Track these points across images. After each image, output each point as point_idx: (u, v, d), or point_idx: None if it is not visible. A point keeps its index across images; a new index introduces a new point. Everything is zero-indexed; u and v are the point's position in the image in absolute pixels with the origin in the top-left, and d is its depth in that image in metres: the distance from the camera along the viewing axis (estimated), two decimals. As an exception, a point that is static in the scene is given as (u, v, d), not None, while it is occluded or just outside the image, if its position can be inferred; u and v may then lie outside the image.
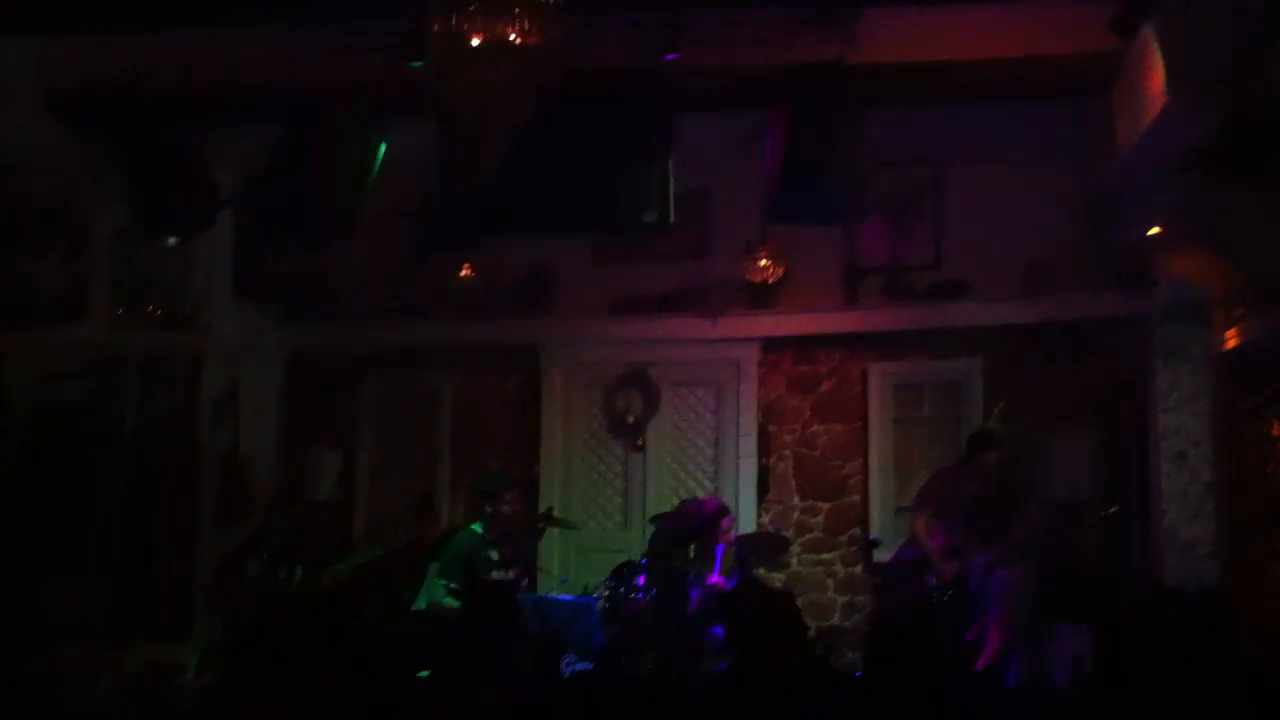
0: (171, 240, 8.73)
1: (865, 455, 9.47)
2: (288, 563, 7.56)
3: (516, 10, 4.45)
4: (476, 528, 7.61)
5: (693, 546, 7.89)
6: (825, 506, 9.53)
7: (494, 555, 7.41)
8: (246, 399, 9.80)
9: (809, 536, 9.50)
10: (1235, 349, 7.27)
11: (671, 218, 6.93)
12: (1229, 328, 7.37)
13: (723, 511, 8.17)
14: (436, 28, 4.50)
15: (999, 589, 7.33)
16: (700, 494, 9.30)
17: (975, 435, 8.49)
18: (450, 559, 7.34)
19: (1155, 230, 7.41)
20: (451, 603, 7.01)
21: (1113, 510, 8.63)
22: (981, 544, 7.60)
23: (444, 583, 7.19)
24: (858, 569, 9.34)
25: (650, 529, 8.67)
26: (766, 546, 8.97)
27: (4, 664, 6.98)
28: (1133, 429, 8.77)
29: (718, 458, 9.74)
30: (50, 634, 7.87)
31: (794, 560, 9.43)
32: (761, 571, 8.81)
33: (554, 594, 7.91)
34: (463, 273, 9.43)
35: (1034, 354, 9.22)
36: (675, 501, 8.98)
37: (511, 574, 7.39)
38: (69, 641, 7.74)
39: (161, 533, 9.05)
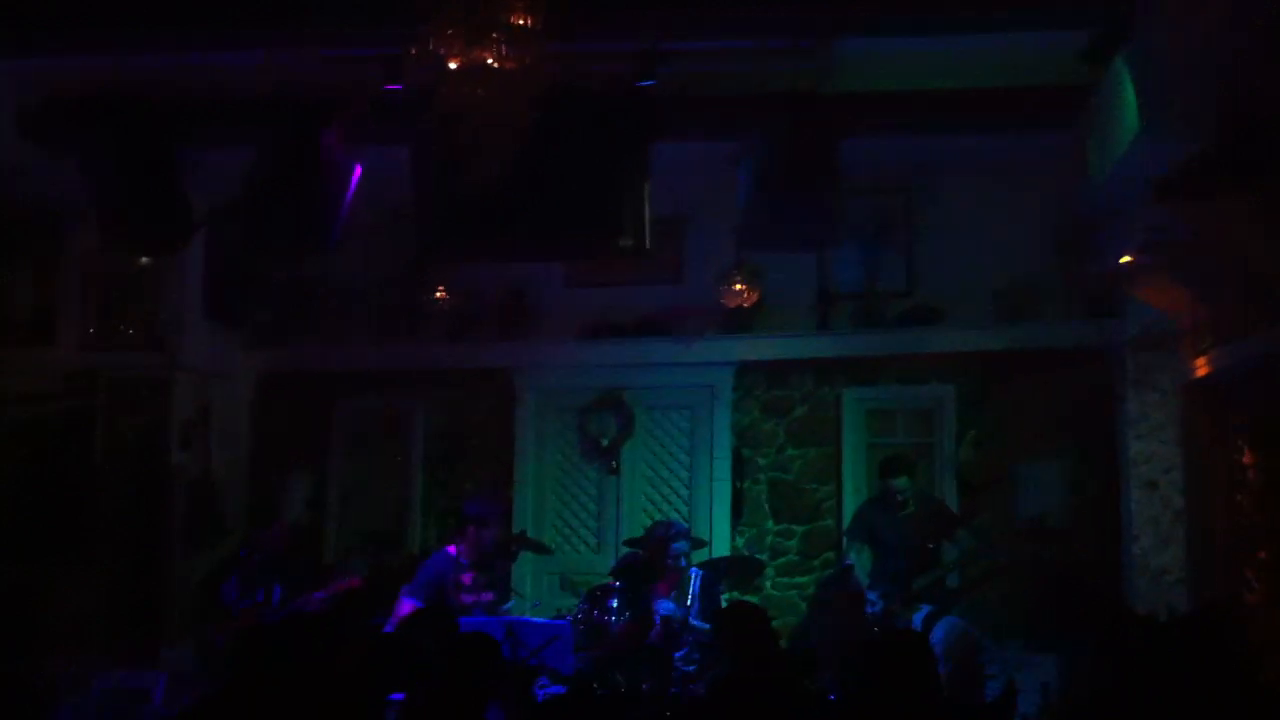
0: (144, 260, 8.72)
1: (839, 479, 9.49)
2: (266, 583, 7.50)
3: (495, 35, 4.46)
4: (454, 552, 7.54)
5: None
6: (799, 530, 9.53)
7: (467, 580, 7.35)
8: (217, 421, 9.75)
9: (783, 560, 9.51)
10: (1204, 378, 7.34)
11: (647, 243, 6.94)
12: (1198, 356, 7.44)
13: (671, 536, 7.67)
14: (414, 51, 4.50)
15: (942, 640, 7.33)
16: (676, 517, 9.28)
17: (885, 461, 8.34)
18: (422, 583, 7.30)
19: (1126, 259, 7.48)
20: None
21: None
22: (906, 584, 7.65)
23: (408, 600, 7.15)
24: (831, 593, 9.34)
25: (624, 552, 8.66)
26: (741, 569, 8.97)
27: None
28: (1104, 456, 8.83)
29: (692, 481, 9.74)
30: (19, 652, 7.79)
31: (768, 583, 9.43)
32: (735, 595, 8.80)
33: (527, 617, 7.86)
34: (437, 295, 9.43)
35: (1006, 381, 9.27)
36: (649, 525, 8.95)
37: (485, 598, 7.33)
38: (37, 661, 7.65)
39: (131, 555, 8.98)
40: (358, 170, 6.80)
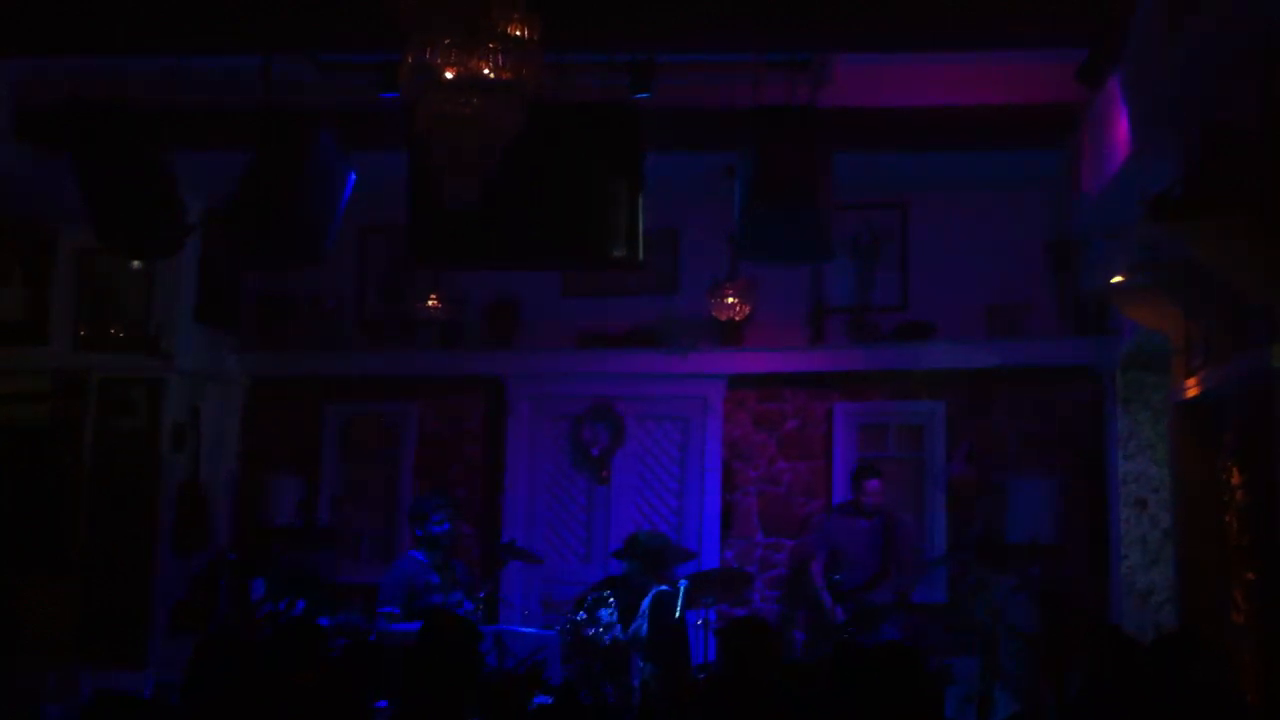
0: (136, 263, 8.72)
1: (829, 493, 9.49)
2: (291, 594, 7.46)
3: (490, 45, 4.44)
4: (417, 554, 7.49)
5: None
6: (789, 544, 9.53)
7: (435, 580, 7.29)
8: (207, 425, 9.75)
9: (772, 573, 9.51)
10: (1194, 397, 7.34)
11: (641, 254, 6.93)
12: (1188, 376, 7.44)
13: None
14: (409, 60, 4.49)
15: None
16: (665, 528, 9.29)
17: (857, 469, 8.72)
18: (392, 589, 7.24)
19: (1118, 278, 7.49)
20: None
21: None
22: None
23: (386, 610, 7.07)
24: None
25: (611, 563, 8.67)
26: (729, 582, 8.96)
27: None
28: (1093, 474, 8.85)
29: (682, 492, 9.74)
30: (5, 657, 7.77)
31: (757, 596, 9.43)
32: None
33: (516, 626, 7.85)
34: (430, 302, 9.43)
35: (997, 397, 9.30)
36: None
37: (453, 597, 7.27)
38: (24, 664, 7.64)
39: (119, 558, 8.96)
40: (351, 178, 6.79)
